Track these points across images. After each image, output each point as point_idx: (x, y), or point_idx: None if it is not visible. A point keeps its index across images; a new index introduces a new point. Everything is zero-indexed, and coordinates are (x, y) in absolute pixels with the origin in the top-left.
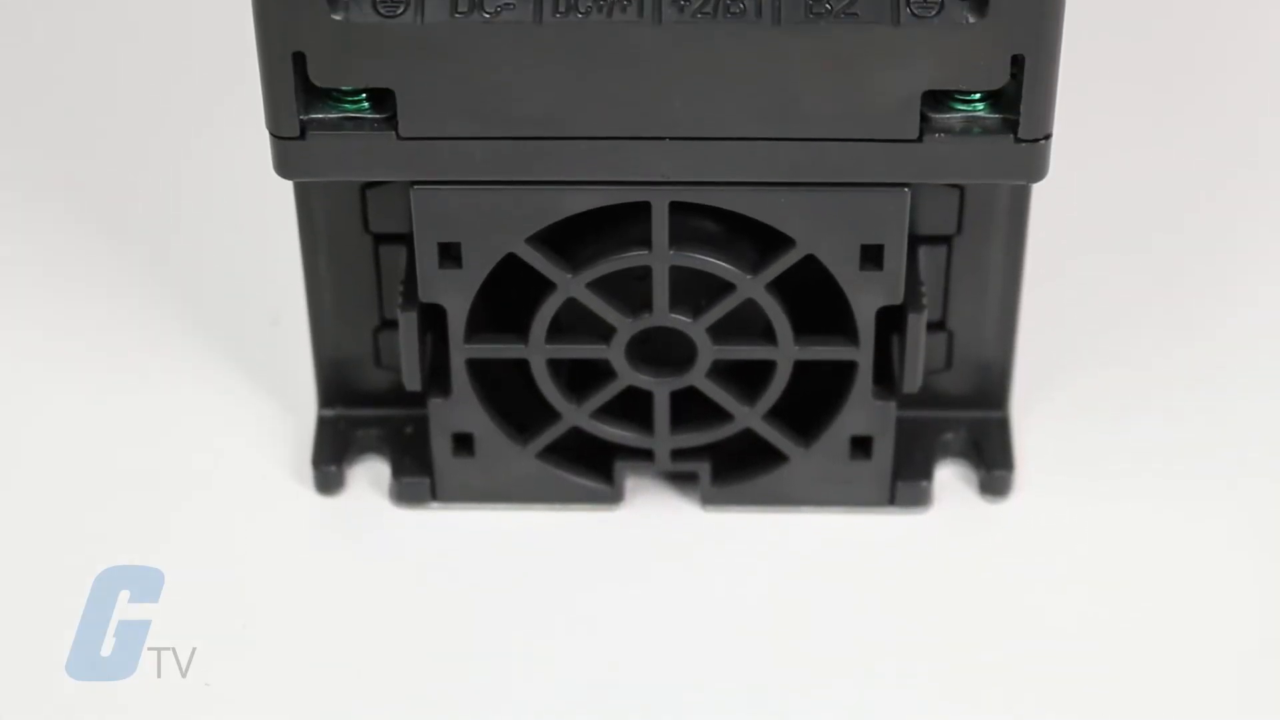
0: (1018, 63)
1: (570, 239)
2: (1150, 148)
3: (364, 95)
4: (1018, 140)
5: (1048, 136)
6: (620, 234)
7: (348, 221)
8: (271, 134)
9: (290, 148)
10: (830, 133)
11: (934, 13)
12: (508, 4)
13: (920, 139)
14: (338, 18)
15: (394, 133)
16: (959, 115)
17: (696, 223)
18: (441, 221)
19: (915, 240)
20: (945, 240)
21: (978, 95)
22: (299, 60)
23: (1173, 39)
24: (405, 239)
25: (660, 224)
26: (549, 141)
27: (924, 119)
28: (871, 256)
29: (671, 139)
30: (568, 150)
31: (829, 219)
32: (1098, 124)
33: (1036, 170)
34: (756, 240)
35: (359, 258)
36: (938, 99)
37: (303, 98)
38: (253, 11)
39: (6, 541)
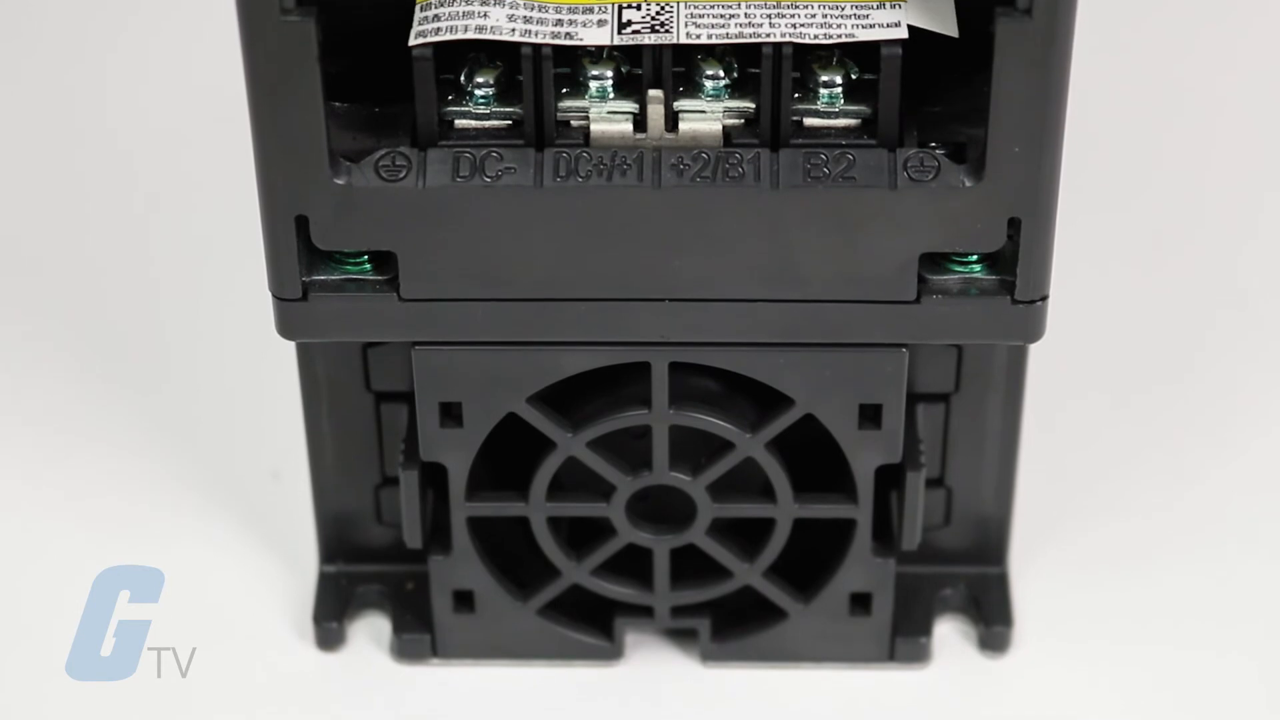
0: (1014, 225)
1: (570, 397)
2: (1143, 299)
3: (366, 257)
4: (1015, 301)
5: (1044, 298)
6: (620, 393)
7: (349, 380)
8: (274, 295)
9: (293, 309)
10: (829, 294)
11: (931, 176)
12: (508, 168)
13: (918, 300)
14: (340, 182)
15: (395, 294)
16: (956, 277)
17: (696, 381)
18: (442, 381)
19: (913, 398)
20: (943, 398)
21: (975, 257)
22: (302, 223)
23: (1162, 194)
24: (406, 397)
25: (660, 384)
26: (549, 303)
27: (922, 280)
28: (870, 416)
29: (671, 300)
30: (568, 311)
31: (827, 379)
32: (1091, 276)
33: (1033, 331)
34: (755, 398)
35: (360, 415)
36: (935, 260)
37: (305, 260)
38: (256, 175)
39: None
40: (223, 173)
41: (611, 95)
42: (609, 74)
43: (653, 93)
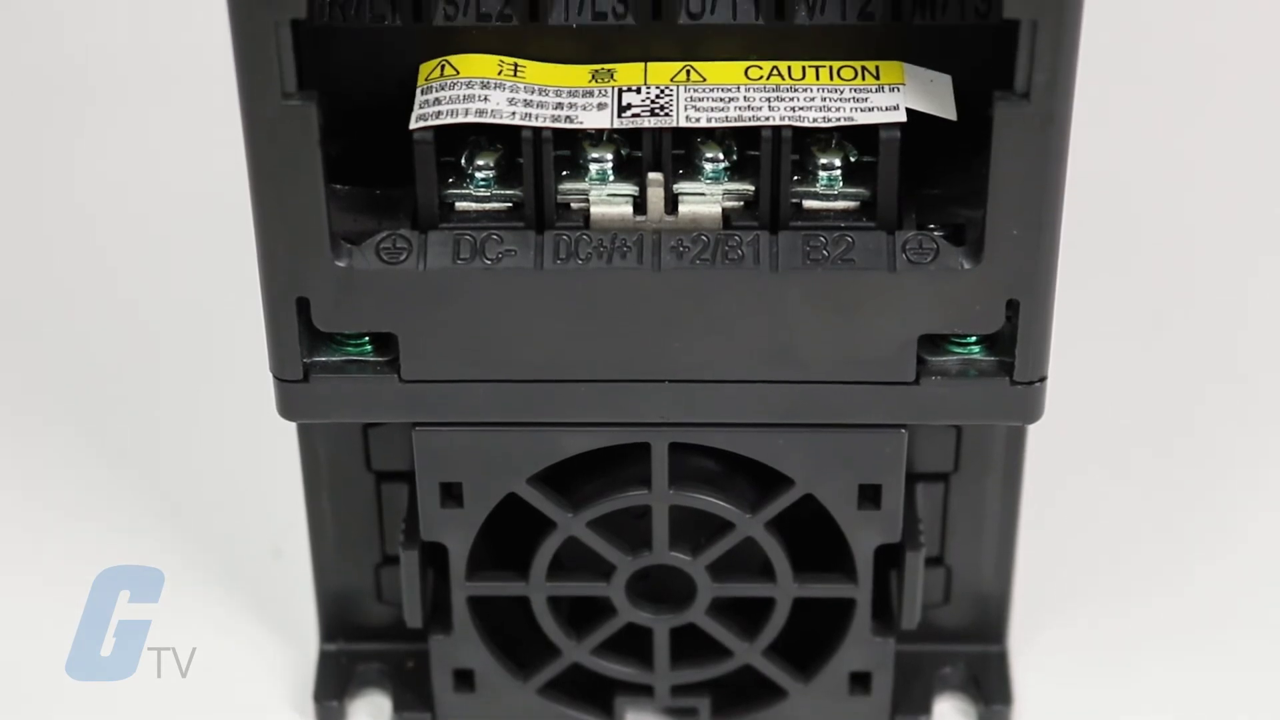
0: (1012, 307)
1: (570, 476)
2: (1142, 374)
3: (367, 338)
4: (1014, 383)
5: (1043, 379)
6: (620, 473)
7: (350, 460)
8: (275, 376)
9: (294, 390)
10: (828, 376)
11: (930, 259)
12: (509, 251)
13: (917, 381)
14: (341, 264)
15: (396, 375)
16: (955, 358)
17: (696, 461)
18: (443, 462)
19: (913, 478)
20: (943, 477)
21: (973, 338)
22: (303, 305)
23: (1158, 269)
24: (407, 477)
25: (660, 465)
26: (550, 384)
27: (921, 362)
28: (869, 496)
29: (671, 382)
30: (568, 393)
31: (827, 459)
32: (1090, 352)
33: (1032, 411)
34: (755, 478)
35: (361, 495)
36: (934, 342)
37: (306, 341)
38: (258, 256)
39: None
40: (225, 254)
41: (611, 178)
42: (609, 157)
43: (652, 176)
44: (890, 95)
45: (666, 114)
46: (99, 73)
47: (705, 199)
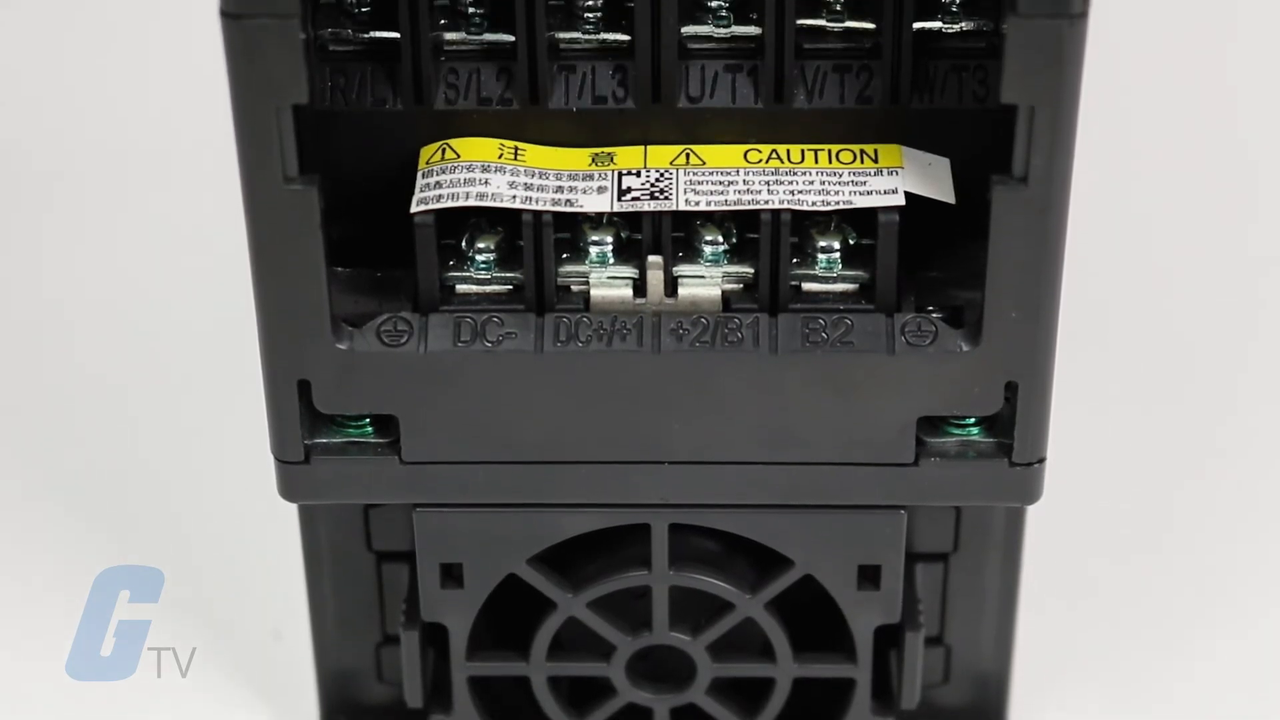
0: (1011, 389)
1: (570, 556)
2: (1140, 452)
3: (367, 420)
4: (1013, 464)
5: (1042, 460)
6: (620, 553)
7: (351, 540)
8: (276, 458)
9: (295, 472)
10: (827, 457)
11: (928, 341)
12: (509, 333)
13: (916, 463)
14: (342, 347)
15: (397, 457)
16: (954, 440)
17: (695, 541)
18: (443, 543)
19: (912, 558)
20: (942, 558)
21: (972, 420)
22: (304, 387)
23: (1156, 346)
24: (408, 557)
25: (660, 546)
26: (550, 466)
27: (920, 443)
28: (869, 576)
29: (670, 463)
30: (568, 474)
31: (826, 540)
32: (1088, 430)
33: (1031, 493)
34: (754, 558)
35: (362, 575)
36: (933, 423)
37: (307, 423)
38: (259, 339)
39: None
40: (226, 336)
41: (611, 260)
42: (609, 240)
43: (652, 259)
44: (889, 179)
45: (666, 198)
46: (101, 154)
47: (705, 281)
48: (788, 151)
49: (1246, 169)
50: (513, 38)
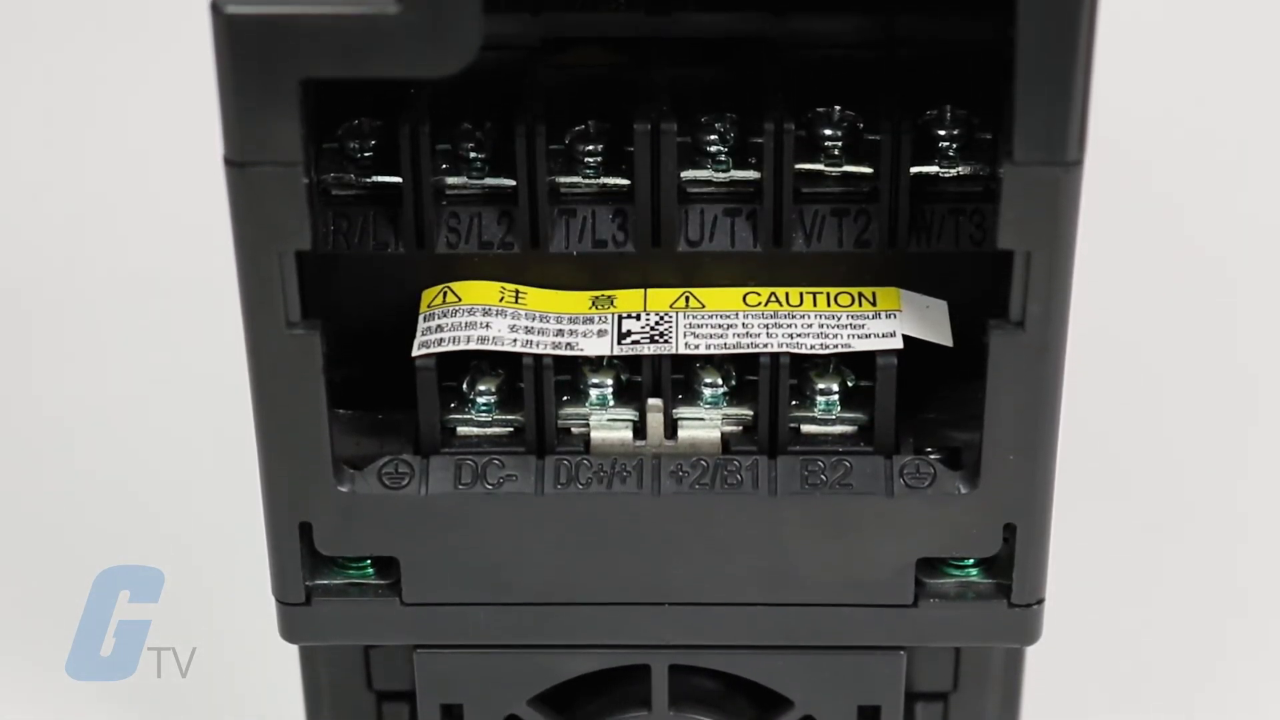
0: (1009, 530)
1: (571, 696)
2: (1140, 594)
3: (368, 561)
4: (1011, 605)
5: (1040, 601)
6: (620, 693)
7: (352, 680)
8: (278, 600)
9: (296, 613)
10: (826, 599)
11: (927, 484)
12: (510, 475)
13: (915, 604)
14: (344, 490)
15: (398, 599)
16: (953, 581)
17: (696, 681)
18: (444, 683)
19: (912, 697)
20: (941, 697)
21: (971, 561)
22: (305, 530)
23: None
24: (408, 697)
25: (660, 686)
26: (550, 607)
27: (919, 584)
28: (869, 717)
29: (671, 604)
30: (568, 616)
31: (826, 680)
32: (1087, 570)
33: (1030, 633)
34: (754, 698)
35: (362, 714)
36: (932, 564)
37: (309, 565)
38: (261, 482)
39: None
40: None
41: (611, 403)
42: (609, 382)
43: (652, 401)
44: (887, 322)
45: (666, 341)
46: (101, 291)
47: (704, 424)
48: (786, 294)
49: (1240, 300)
50: (514, 182)
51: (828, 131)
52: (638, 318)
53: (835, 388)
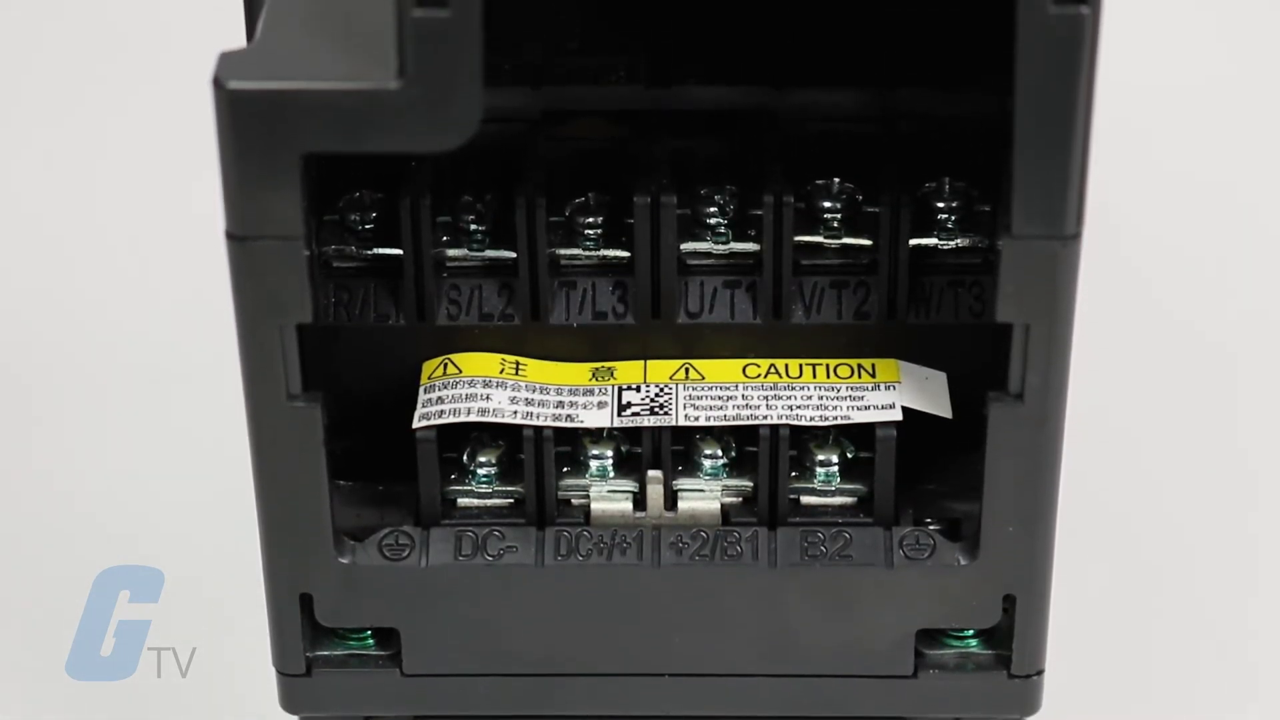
0: (1009, 601)
1: None
2: (1140, 667)
3: (369, 632)
4: (1011, 676)
5: (1040, 671)
6: None
7: None
8: (278, 671)
9: (296, 684)
10: (826, 669)
11: (926, 555)
12: (510, 547)
13: (915, 675)
14: (345, 561)
15: (398, 670)
16: (953, 652)
17: None
18: None
19: None
20: None
21: (971, 632)
22: (306, 601)
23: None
24: None
25: None
26: (551, 678)
27: (918, 655)
28: None
29: (671, 675)
30: (569, 686)
31: None
32: (1087, 644)
33: (1029, 704)
34: None
35: None
36: (932, 635)
37: (309, 636)
38: (261, 554)
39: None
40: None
41: (611, 474)
42: (609, 453)
43: (652, 473)
44: (886, 394)
45: (666, 413)
46: (102, 366)
47: (704, 495)
48: (786, 366)
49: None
50: (514, 254)
51: (827, 204)
52: (638, 389)
53: (835, 459)
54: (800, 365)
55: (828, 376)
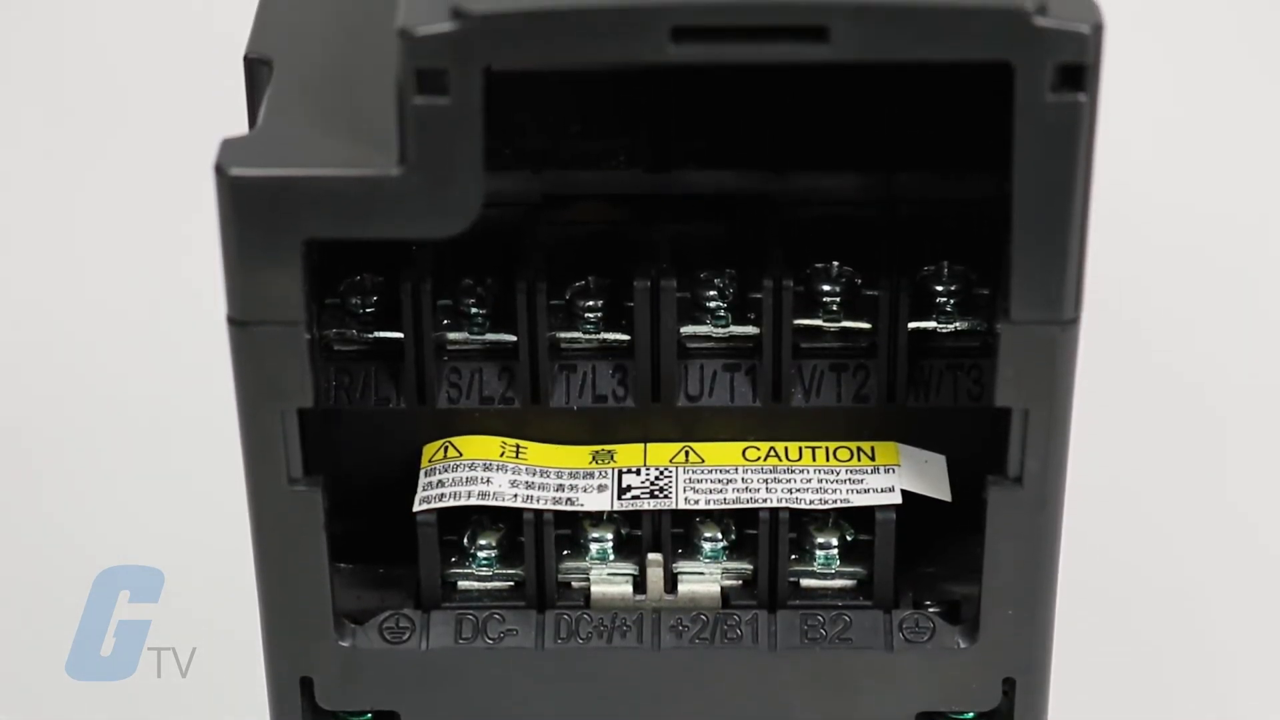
0: (1009, 683)
1: None
2: None
3: (369, 715)
4: None
5: None
6: None
7: None
8: None
9: None
10: None
11: (926, 638)
12: (510, 630)
13: None
14: (345, 644)
15: None
16: None
17: None
18: None
19: None
20: None
21: (971, 715)
22: (306, 684)
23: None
24: None
25: None
26: None
27: None
28: None
29: None
30: None
31: None
32: None
33: None
34: None
35: None
36: (931, 718)
37: (310, 719)
38: (262, 637)
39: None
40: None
41: (611, 557)
42: (609, 536)
43: (652, 556)
44: (885, 477)
45: (666, 496)
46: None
47: (704, 578)
48: (785, 449)
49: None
50: (514, 338)
51: (826, 287)
52: (638, 472)
53: (834, 541)
54: (800, 448)
55: (827, 459)
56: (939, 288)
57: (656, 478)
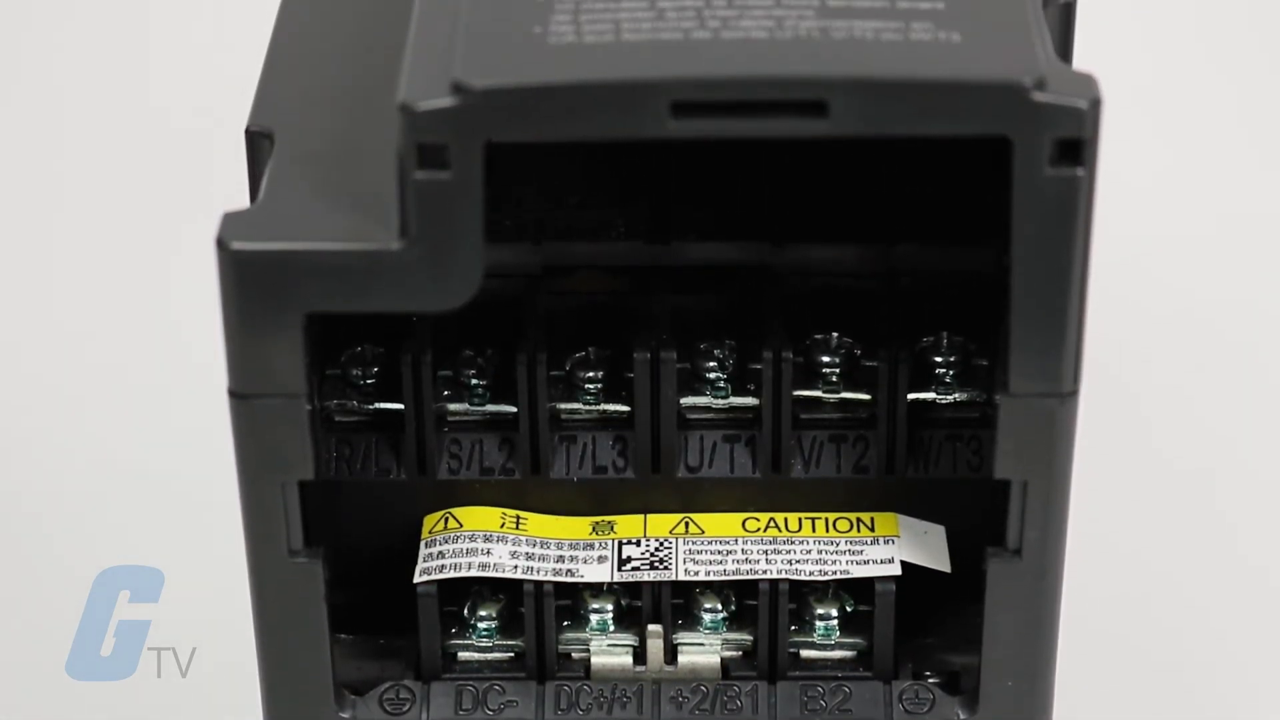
0: None
1: None
2: None
3: None
4: None
5: None
6: None
7: None
8: None
9: None
10: None
11: (926, 709)
12: (510, 701)
13: None
14: (345, 715)
15: None
16: None
17: None
18: None
19: None
20: None
21: None
22: None
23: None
24: None
25: None
26: None
27: None
28: None
29: None
30: None
31: None
32: None
33: None
34: None
35: None
36: None
37: None
38: (262, 708)
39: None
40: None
41: (612, 628)
42: (609, 607)
43: (652, 627)
44: (885, 548)
45: (666, 567)
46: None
47: (704, 649)
48: (785, 520)
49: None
50: (514, 409)
51: (826, 358)
52: (638, 544)
53: (834, 612)
54: (800, 519)
55: (827, 530)
56: (938, 359)
57: (656, 549)
